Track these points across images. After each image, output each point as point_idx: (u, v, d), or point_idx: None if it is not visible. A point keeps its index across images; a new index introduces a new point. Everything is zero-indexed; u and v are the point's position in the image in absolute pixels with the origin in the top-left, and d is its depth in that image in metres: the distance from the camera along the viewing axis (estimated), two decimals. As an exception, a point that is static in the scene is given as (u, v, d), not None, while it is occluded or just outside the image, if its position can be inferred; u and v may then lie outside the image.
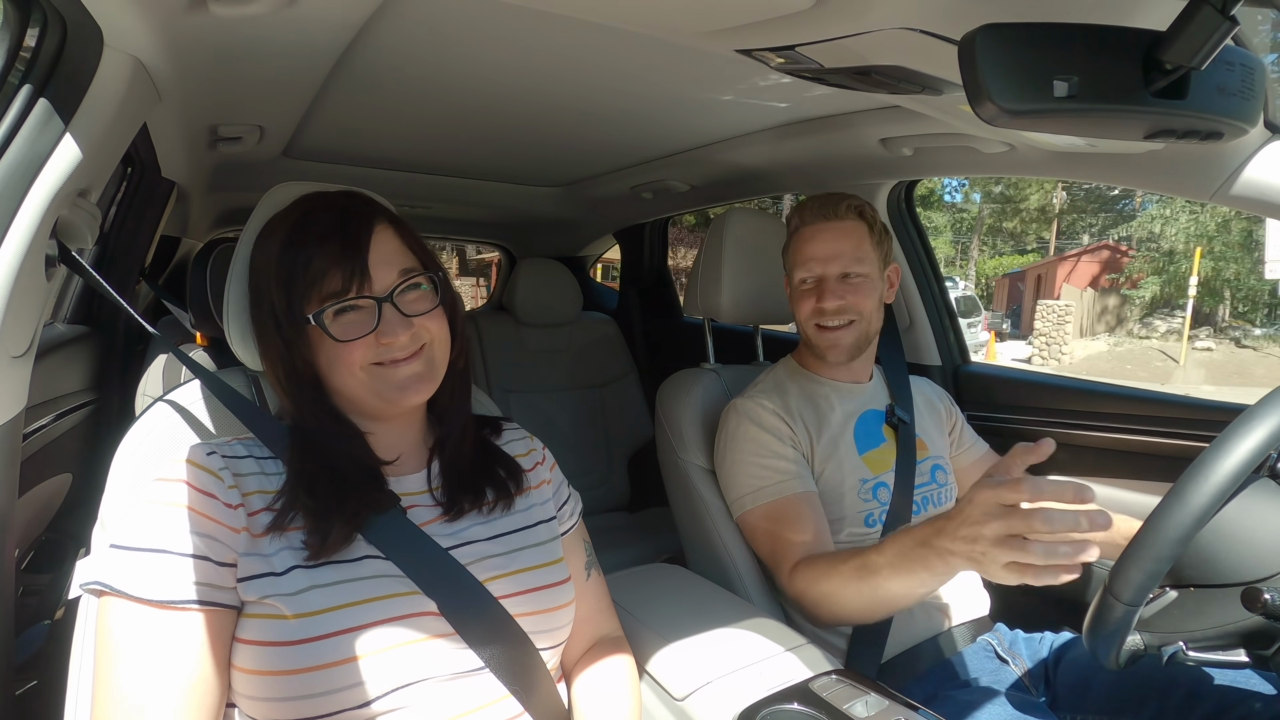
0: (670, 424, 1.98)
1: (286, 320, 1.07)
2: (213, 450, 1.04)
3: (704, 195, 2.92)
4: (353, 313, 1.07)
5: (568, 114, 2.03)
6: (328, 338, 1.06)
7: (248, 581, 0.97)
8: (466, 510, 1.16)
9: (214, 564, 0.95)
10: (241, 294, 1.16)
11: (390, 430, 1.17)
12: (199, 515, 0.97)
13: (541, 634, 1.12)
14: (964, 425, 2.05)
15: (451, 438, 1.22)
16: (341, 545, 1.02)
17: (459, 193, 3.07)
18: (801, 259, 1.80)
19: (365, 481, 1.09)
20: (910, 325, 2.46)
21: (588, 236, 3.99)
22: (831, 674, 1.23)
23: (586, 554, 1.36)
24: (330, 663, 0.94)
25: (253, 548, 0.99)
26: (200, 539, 0.95)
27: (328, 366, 1.08)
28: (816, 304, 1.78)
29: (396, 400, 1.10)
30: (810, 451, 1.75)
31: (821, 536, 1.62)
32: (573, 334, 3.63)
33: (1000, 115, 0.80)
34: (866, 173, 2.26)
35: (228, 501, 1.00)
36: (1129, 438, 2.02)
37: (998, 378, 2.39)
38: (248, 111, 1.87)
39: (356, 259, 1.06)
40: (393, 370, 1.09)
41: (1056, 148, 1.66)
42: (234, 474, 1.03)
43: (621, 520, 3.38)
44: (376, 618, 0.99)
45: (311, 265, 1.05)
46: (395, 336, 1.07)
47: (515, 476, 1.25)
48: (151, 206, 2.23)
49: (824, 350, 1.81)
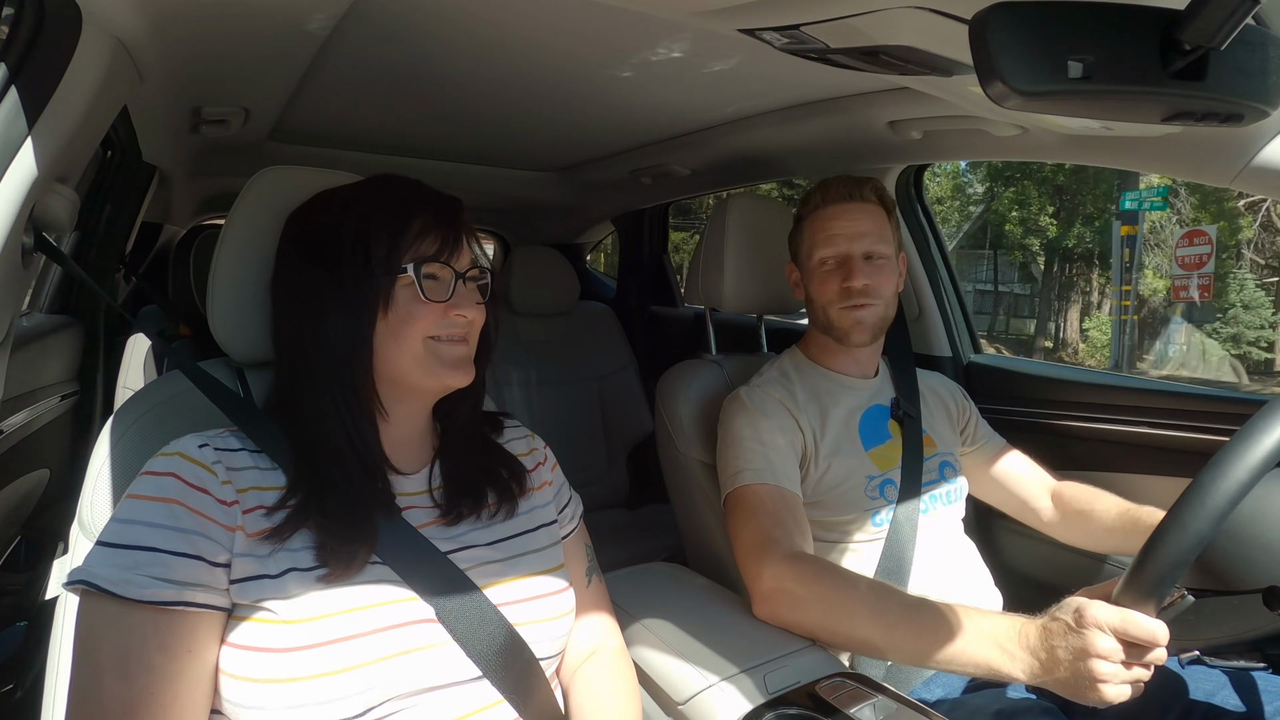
0: (670, 417, 1.97)
1: (382, 268, 1.07)
2: (205, 442, 1.03)
3: (705, 180, 2.92)
4: (432, 280, 1.11)
5: (564, 95, 2.03)
6: (397, 303, 1.08)
7: (242, 583, 0.96)
8: (466, 515, 1.16)
9: (207, 564, 0.94)
10: (229, 280, 1.16)
11: (402, 423, 1.17)
12: (191, 511, 0.96)
13: (541, 643, 1.13)
14: (978, 420, 2.04)
15: (459, 437, 1.23)
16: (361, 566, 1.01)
17: (452, 178, 3.05)
18: (825, 237, 1.78)
19: (375, 492, 1.08)
20: (919, 315, 2.46)
21: (585, 223, 4.00)
22: (837, 677, 1.23)
23: (588, 559, 1.36)
24: (326, 671, 0.94)
25: (248, 548, 0.98)
26: (192, 537, 0.94)
27: (387, 333, 1.09)
28: (843, 284, 1.75)
29: (445, 378, 1.12)
30: (814, 447, 1.74)
31: (808, 542, 1.58)
32: (569, 324, 3.63)
33: (1013, 97, 0.80)
34: (874, 156, 2.25)
35: (222, 498, 0.98)
36: (1147, 431, 2.02)
37: (1010, 370, 2.39)
38: (232, 93, 1.87)
39: (453, 226, 1.12)
40: (450, 347, 1.12)
41: (1070, 130, 1.66)
42: (228, 468, 1.02)
43: (620, 517, 3.39)
44: (375, 625, 0.98)
45: (414, 222, 1.09)
46: (464, 310, 1.11)
47: (519, 478, 1.25)
48: (132, 192, 2.23)
49: (847, 330, 1.78)
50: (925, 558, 1.68)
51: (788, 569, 1.46)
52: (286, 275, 1.14)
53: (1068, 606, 1.17)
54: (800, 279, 1.89)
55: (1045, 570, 2.16)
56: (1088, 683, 1.11)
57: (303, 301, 1.10)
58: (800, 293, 1.91)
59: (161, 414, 1.19)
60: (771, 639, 1.39)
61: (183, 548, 0.93)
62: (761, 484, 1.62)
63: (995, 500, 2.00)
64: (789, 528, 1.55)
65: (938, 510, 1.78)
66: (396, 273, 1.07)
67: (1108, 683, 1.10)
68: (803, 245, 1.86)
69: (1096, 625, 1.11)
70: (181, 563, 0.93)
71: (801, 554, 1.49)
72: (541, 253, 3.57)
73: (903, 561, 1.65)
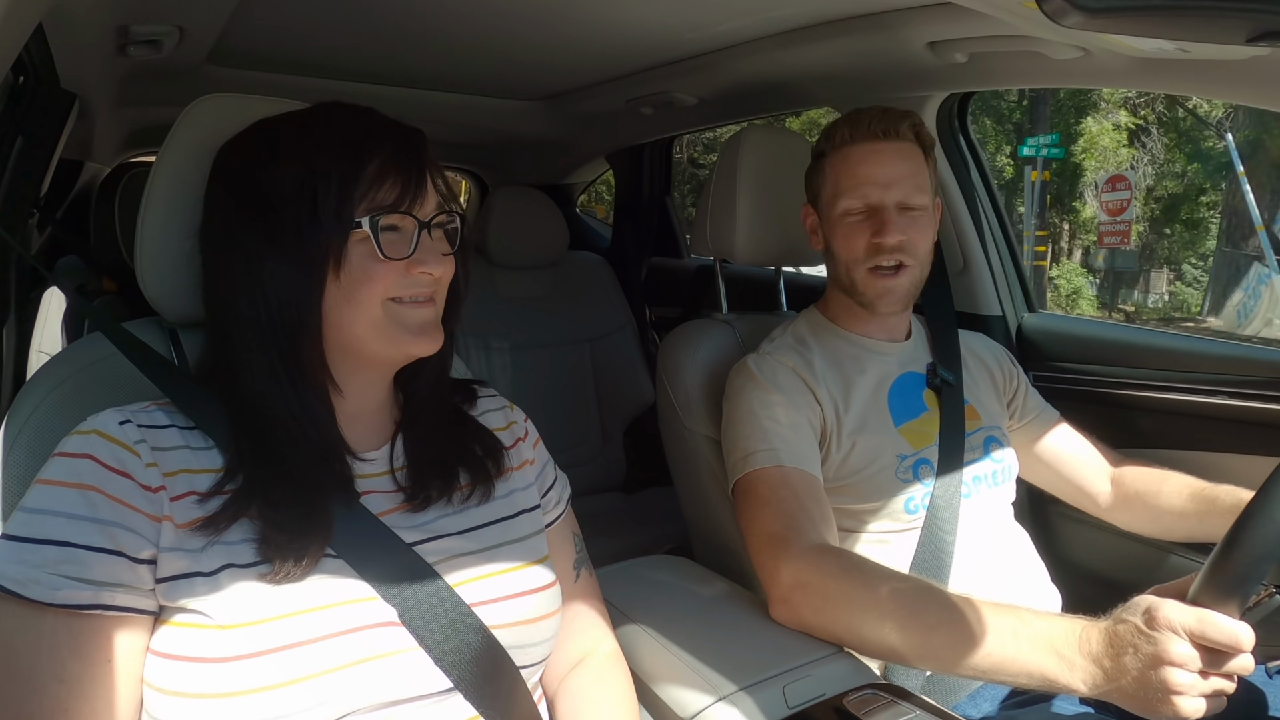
0: (674, 386, 1.97)
1: (331, 222, 1.03)
2: (127, 418, 1.01)
3: (714, 111, 2.89)
4: (393, 233, 1.07)
5: (552, 10, 2.00)
6: (351, 262, 1.04)
7: (170, 583, 0.94)
8: (435, 499, 1.14)
9: (128, 560, 0.93)
10: (160, 226, 1.14)
11: (358, 395, 1.15)
12: (110, 499, 0.94)
13: (522, 648, 1.11)
14: (1028, 390, 2.03)
15: (424, 409, 1.21)
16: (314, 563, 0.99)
17: (419, 108, 3.02)
18: (853, 182, 1.74)
19: (331, 475, 1.06)
20: (964, 268, 2.44)
21: (575, 160, 3.98)
22: (868, 689, 1.23)
23: (576, 550, 1.35)
24: (268, 685, 0.92)
25: (176, 541, 0.96)
26: (112, 529, 0.93)
27: (340, 297, 1.05)
28: (872, 239, 1.71)
29: (408, 346, 1.10)
30: (836, 422, 1.72)
31: (832, 533, 1.57)
32: (557, 278, 3.60)
33: (1073, 14, 0.78)
34: (911, 83, 2.22)
35: (146, 483, 0.97)
36: (1230, 403, 2.00)
37: (1070, 332, 2.38)
38: (164, 8, 1.85)
39: (415, 172, 1.08)
40: (412, 310, 1.09)
41: (1141, 53, 1.63)
42: (153, 448, 1.00)
43: (616, 503, 3.39)
44: (326, 630, 0.97)
45: (369, 165, 1.05)
46: (431, 267, 1.08)
47: (495, 456, 1.23)
48: (47, 124, 2.20)
49: (874, 299, 1.76)
50: (968, 550, 1.67)
51: (809, 564, 1.44)
52: (216, 221, 1.11)
53: (1136, 607, 1.16)
54: (817, 225, 1.86)
55: (1110, 564, 2.16)
56: (1159, 695, 1.09)
57: (235, 255, 1.07)
58: (817, 241, 1.88)
59: (81, 383, 1.18)
60: (791, 645, 1.38)
61: (100, 542, 0.92)
62: (776, 467, 1.60)
63: (1047, 484, 1.99)
64: (810, 516, 1.53)
65: (982, 494, 1.77)
66: (350, 228, 1.04)
67: (1182, 695, 1.08)
68: (824, 188, 1.82)
69: (1170, 628, 1.10)
70: (99, 559, 0.91)
71: (824, 546, 1.48)
72: (524, 195, 3.53)
73: (942, 554, 1.64)
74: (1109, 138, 19.01)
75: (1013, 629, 1.24)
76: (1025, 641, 1.22)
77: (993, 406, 1.92)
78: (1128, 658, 1.12)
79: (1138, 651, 1.12)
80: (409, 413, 1.21)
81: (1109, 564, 2.15)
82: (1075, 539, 2.21)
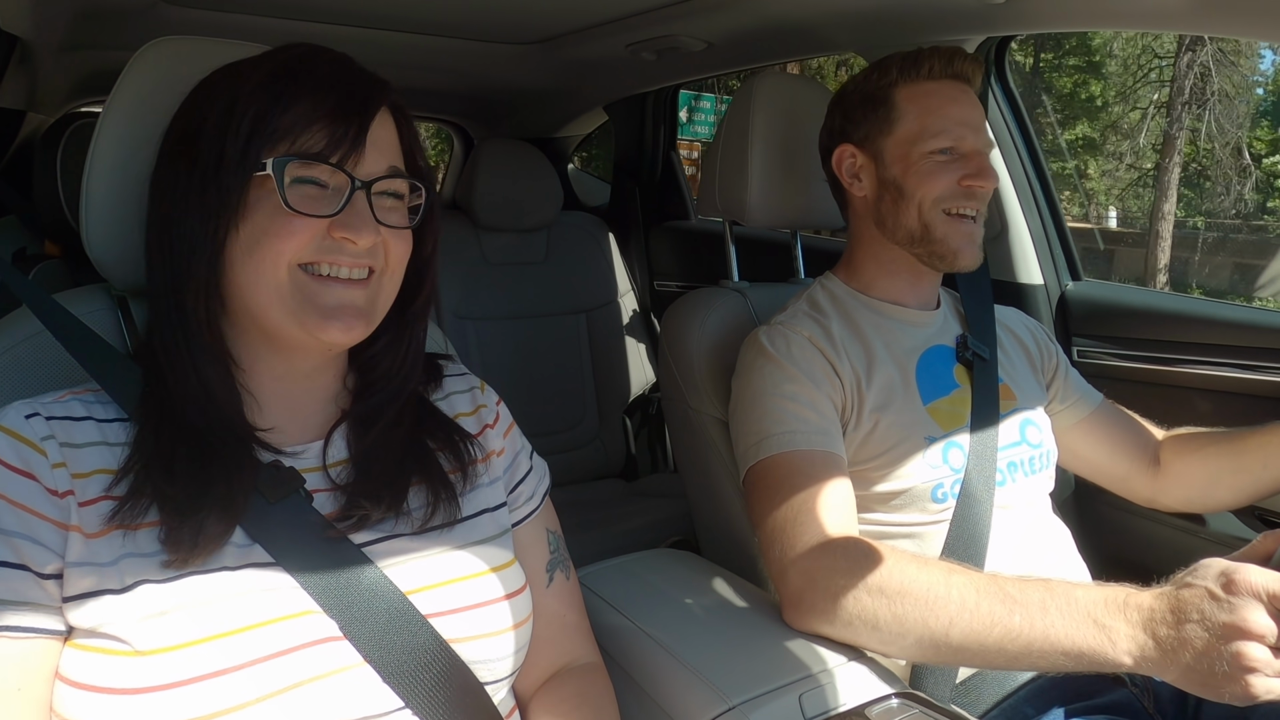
0: (678, 362, 1.96)
1: (234, 164, 1.00)
2: (35, 411, 0.99)
3: (725, 56, 2.88)
4: (314, 187, 1.03)
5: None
6: (253, 211, 1.01)
7: (77, 602, 0.92)
8: (373, 520, 1.10)
9: (34, 575, 0.91)
10: (106, 183, 1.13)
11: (277, 376, 1.12)
12: (12, 506, 0.92)
13: (486, 663, 1.10)
14: (1067, 370, 2.01)
15: (383, 417, 1.17)
16: (214, 547, 0.97)
17: (397, 52, 3.02)
18: (945, 122, 1.70)
19: (244, 449, 1.04)
20: (1001, 232, 2.44)
21: (570, 111, 3.96)
22: (893, 698, 1.23)
23: (550, 550, 1.33)
24: (192, 718, 0.89)
25: (84, 555, 0.93)
26: (14, 540, 0.91)
27: (242, 253, 1.02)
28: (963, 181, 1.68)
29: (316, 330, 1.04)
30: (856, 399, 1.69)
31: (852, 522, 1.56)
32: (550, 241, 3.61)
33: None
34: (946, 26, 2.21)
35: (52, 487, 0.95)
36: None
37: (1121, 303, 2.37)
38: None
39: (355, 121, 1.04)
40: (326, 287, 1.04)
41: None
42: (62, 445, 0.98)
43: (615, 491, 3.38)
44: (259, 652, 0.94)
45: (295, 106, 1.02)
46: (356, 233, 1.03)
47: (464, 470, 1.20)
48: (-18, 69, 2.20)
49: (958, 248, 1.71)
50: (1002, 543, 1.66)
51: (817, 559, 1.43)
52: (157, 174, 1.09)
53: (1208, 569, 1.13)
54: (865, 168, 1.80)
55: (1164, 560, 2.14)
56: (1230, 672, 1.05)
57: (163, 207, 1.06)
58: (858, 186, 1.82)
59: (20, 360, 1.17)
60: (807, 649, 1.38)
61: (2, 554, 0.90)
62: (793, 451, 1.58)
63: (1090, 473, 1.99)
64: (828, 505, 1.51)
65: (1019, 482, 1.76)
66: (252, 169, 1.00)
67: (1258, 673, 1.04)
68: (896, 125, 1.74)
69: (1254, 593, 1.06)
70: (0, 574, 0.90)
71: (834, 539, 1.46)
72: (514, 149, 3.54)
73: (974, 548, 1.62)
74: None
75: (1041, 602, 1.22)
76: (1056, 613, 1.20)
77: (1030, 387, 1.90)
78: (1191, 626, 1.09)
79: (1205, 619, 1.08)
80: (355, 411, 1.17)
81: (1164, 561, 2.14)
82: (1122, 534, 2.21)
